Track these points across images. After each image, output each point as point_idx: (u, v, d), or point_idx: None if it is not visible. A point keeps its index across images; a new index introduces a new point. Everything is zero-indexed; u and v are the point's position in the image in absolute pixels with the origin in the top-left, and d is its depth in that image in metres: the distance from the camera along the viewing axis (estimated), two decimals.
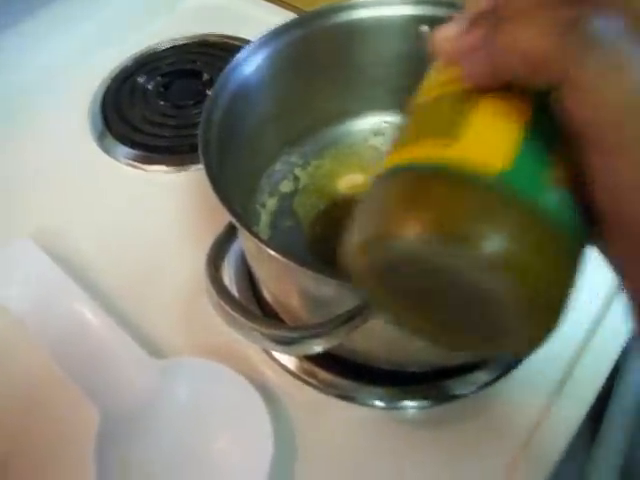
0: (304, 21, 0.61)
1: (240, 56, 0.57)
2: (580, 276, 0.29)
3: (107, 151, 0.75)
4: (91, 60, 0.85)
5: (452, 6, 0.60)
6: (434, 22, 0.61)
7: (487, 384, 0.55)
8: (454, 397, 0.54)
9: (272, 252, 0.43)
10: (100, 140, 0.76)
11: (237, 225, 0.45)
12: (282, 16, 0.62)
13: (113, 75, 0.83)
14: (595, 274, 0.58)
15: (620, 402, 0.67)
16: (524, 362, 0.56)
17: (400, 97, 0.67)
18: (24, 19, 0.82)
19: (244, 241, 0.51)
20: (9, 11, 0.80)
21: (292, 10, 0.88)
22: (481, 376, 0.55)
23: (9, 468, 0.52)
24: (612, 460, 0.63)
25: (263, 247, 0.44)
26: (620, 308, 0.57)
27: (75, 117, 0.79)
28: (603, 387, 0.55)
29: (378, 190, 0.31)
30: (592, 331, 0.58)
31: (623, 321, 0.57)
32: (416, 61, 0.64)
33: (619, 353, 0.57)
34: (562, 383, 0.55)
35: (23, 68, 0.82)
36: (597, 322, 0.59)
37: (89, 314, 0.57)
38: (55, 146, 0.76)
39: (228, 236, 0.48)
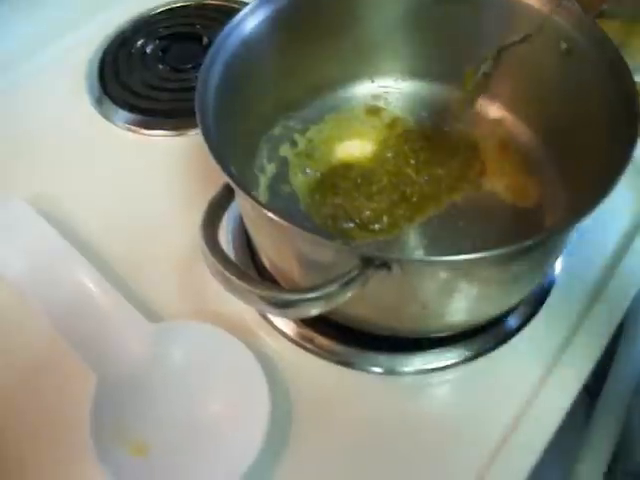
0: None
1: (237, 17, 0.56)
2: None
3: (105, 116, 0.74)
4: (88, 24, 0.84)
5: None
6: None
7: (485, 351, 0.55)
8: (451, 365, 0.54)
9: (269, 214, 0.43)
10: (98, 104, 0.75)
11: (234, 187, 0.45)
12: None
13: (110, 39, 0.82)
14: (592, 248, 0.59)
15: (619, 373, 0.67)
16: (521, 330, 0.56)
17: (402, 62, 0.67)
18: None
19: (242, 204, 0.50)
20: None
21: None
22: (479, 344, 0.55)
23: (7, 432, 0.52)
24: (611, 429, 0.64)
25: (261, 209, 0.43)
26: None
27: (73, 82, 0.78)
28: (599, 363, 0.55)
29: None
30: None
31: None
32: (419, 24, 0.64)
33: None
34: (561, 350, 0.55)
35: (18, 34, 0.81)
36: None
37: (86, 278, 0.56)
38: (53, 111, 0.75)
39: (225, 198, 0.47)
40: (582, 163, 0.55)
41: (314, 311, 0.42)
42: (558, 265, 0.60)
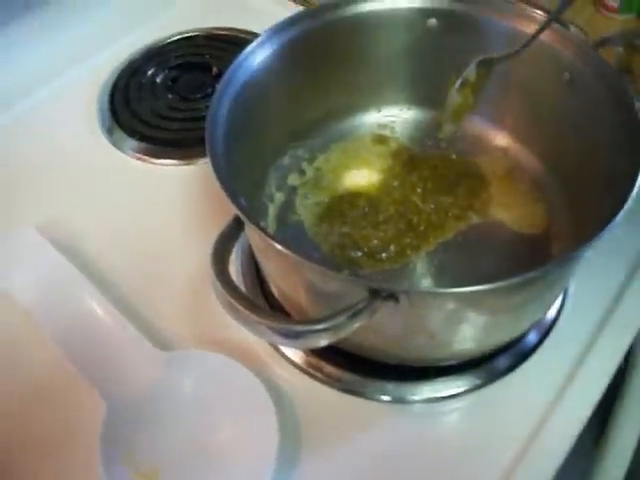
0: (312, 14, 0.61)
1: (248, 49, 0.57)
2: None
3: (115, 144, 0.75)
4: (99, 53, 0.85)
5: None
6: (441, 15, 0.62)
7: (493, 379, 0.55)
8: (460, 393, 0.54)
9: (279, 246, 0.43)
10: (108, 133, 0.76)
11: (244, 219, 0.46)
12: (290, 9, 0.62)
13: (121, 68, 0.83)
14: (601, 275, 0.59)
15: (631, 394, 0.67)
16: (530, 357, 0.56)
17: (407, 92, 0.68)
18: (32, 12, 0.82)
19: (251, 235, 0.51)
20: (16, 4, 0.80)
21: (299, 3, 0.88)
22: (487, 371, 0.55)
23: (18, 457, 0.53)
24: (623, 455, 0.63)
25: (270, 241, 0.44)
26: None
27: (84, 110, 0.79)
28: (609, 386, 0.55)
29: None
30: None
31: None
32: (423, 55, 0.65)
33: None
34: (570, 376, 0.55)
35: (31, 62, 0.82)
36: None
37: (96, 305, 0.57)
38: (64, 139, 0.76)
39: (234, 230, 0.48)
40: (587, 190, 0.56)
41: (322, 342, 0.42)
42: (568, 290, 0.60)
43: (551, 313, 0.58)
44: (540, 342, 0.57)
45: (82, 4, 0.86)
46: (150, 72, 0.82)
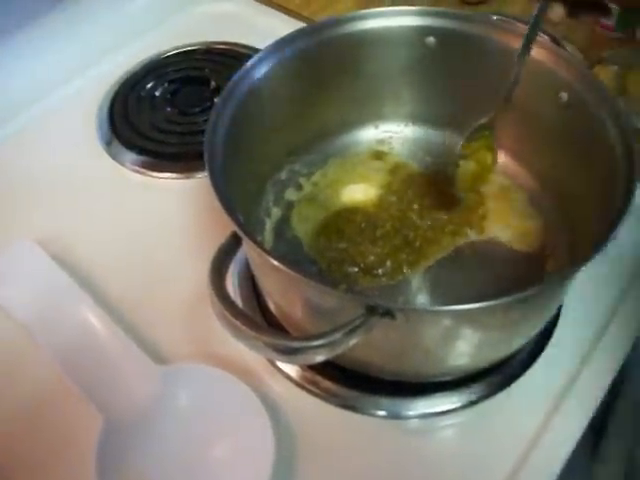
0: (312, 31, 0.61)
1: (248, 64, 0.58)
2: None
3: (114, 157, 0.76)
4: (99, 66, 0.86)
5: (457, 18, 0.61)
6: (439, 33, 0.62)
7: (489, 395, 0.55)
8: (455, 409, 0.55)
9: (276, 262, 0.43)
10: (107, 146, 0.77)
11: (241, 234, 0.46)
12: (290, 25, 0.63)
13: (121, 81, 0.84)
14: (596, 291, 0.59)
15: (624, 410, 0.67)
16: (525, 373, 0.56)
17: (405, 108, 0.69)
18: (30, 24, 0.82)
19: (248, 250, 0.51)
20: (13, 16, 0.81)
21: (300, 20, 0.89)
22: (483, 387, 0.55)
23: (13, 471, 0.53)
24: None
25: (267, 257, 0.44)
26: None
27: (82, 123, 0.79)
28: (602, 401, 0.56)
29: None
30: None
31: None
32: (421, 72, 0.65)
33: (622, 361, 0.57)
34: (565, 390, 0.55)
35: (30, 76, 0.83)
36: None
37: (93, 319, 0.57)
38: (62, 152, 0.77)
39: (232, 245, 0.48)
40: (583, 209, 0.56)
41: (318, 358, 0.43)
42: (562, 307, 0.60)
43: (545, 329, 0.58)
44: (534, 358, 0.57)
45: (80, 18, 0.87)
46: (149, 86, 0.83)
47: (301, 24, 0.64)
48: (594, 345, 0.58)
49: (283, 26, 0.63)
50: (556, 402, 0.55)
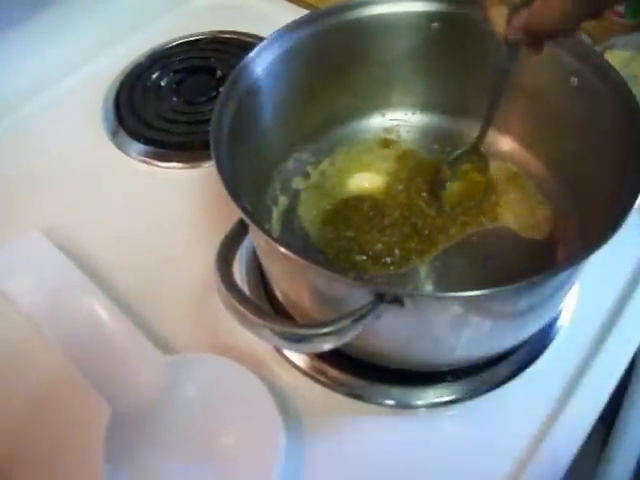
0: (316, 18, 0.60)
1: (253, 53, 0.57)
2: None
3: (120, 147, 0.75)
4: (104, 57, 0.86)
5: (463, 2, 0.60)
6: (445, 19, 0.62)
7: (498, 384, 0.55)
8: (464, 398, 0.54)
9: (283, 249, 0.43)
10: (113, 136, 0.77)
11: (248, 222, 0.45)
12: (294, 13, 0.62)
13: (126, 72, 0.84)
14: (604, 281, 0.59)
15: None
16: (535, 362, 0.56)
17: (412, 96, 0.68)
18: (35, 15, 0.82)
19: (255, 238, 0.51)
20: (20, 8, 0.80)
21: (304, 7, 0.88)
22: (492, 376, 0.55)
23: (21, 462, 0.53)
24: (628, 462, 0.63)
25: (274, 244, 0.44)
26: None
27: (88, 114, 0.79)
28: (615, 391, 0.55)
29: None
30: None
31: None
32: (428, 59, 0.65)
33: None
34: (575, 381, 0.55)
35: (36, 67, 0.82)
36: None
37: (100, 310, 0.57)
38: (69, 143, 0.76)
39: (239, 233, 0.48)
40: (593, 194, 0.55)
41: (327, 346, 0.42)
42: (571, 297, 0.59)
43: (556, 318, 0.58)
44: (544, 348, 0.57)
45: (86, 8, 0.86)
46: (155, 75, 0.82)
47: (306, 12, 0.64)
48: (604, 335, 0.57)
49: (289, 14, 0.63)
50: (567, 392, 0.54)
